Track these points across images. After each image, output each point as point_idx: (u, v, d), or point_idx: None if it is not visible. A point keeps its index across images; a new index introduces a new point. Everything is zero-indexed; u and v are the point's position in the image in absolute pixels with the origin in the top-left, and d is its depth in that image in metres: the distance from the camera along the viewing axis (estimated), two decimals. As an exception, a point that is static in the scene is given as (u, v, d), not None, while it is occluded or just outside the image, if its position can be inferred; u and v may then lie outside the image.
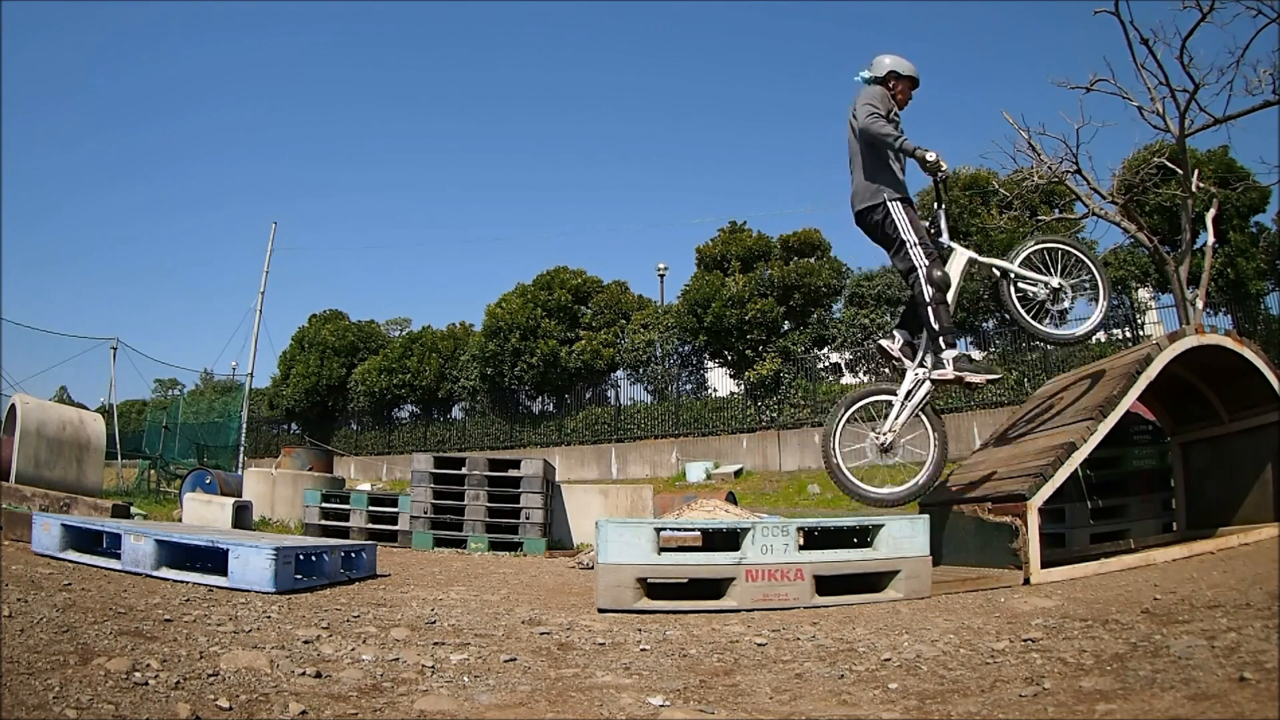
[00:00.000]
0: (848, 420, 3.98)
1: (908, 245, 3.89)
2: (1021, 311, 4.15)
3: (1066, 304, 4.20)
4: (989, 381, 3.97)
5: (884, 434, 3.94)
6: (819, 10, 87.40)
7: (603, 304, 23.79)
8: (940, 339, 3.93)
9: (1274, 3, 9.47)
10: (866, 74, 4.15)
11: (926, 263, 3.88)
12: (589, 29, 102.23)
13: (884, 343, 4.23)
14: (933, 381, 3.99)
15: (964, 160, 25.12)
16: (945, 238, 4.10)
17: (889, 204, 3.93)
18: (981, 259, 4.19)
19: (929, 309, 3.88)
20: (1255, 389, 4.20)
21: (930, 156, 3.81)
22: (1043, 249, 4.22)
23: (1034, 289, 4.12)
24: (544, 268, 24.95)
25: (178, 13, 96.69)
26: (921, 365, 4.06)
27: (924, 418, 4.03)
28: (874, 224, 3.99)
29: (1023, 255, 4.17)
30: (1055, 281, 4.09)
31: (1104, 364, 4.63)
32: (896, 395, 4.03)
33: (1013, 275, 4.13)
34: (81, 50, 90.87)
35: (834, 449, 3.87)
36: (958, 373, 3.91)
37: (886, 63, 4.10)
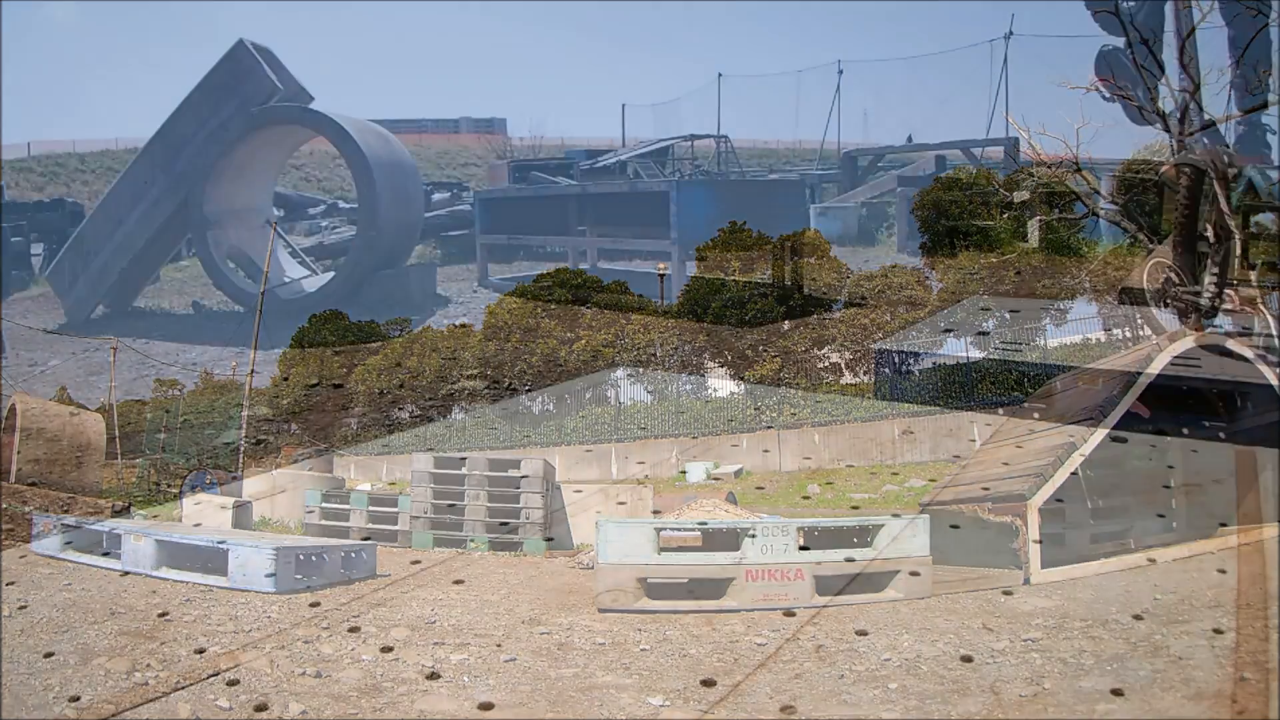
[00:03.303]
0: None
1: None
2: None
3: None
4: None
5: None
6: (820, 9, 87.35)
7: (603, 304, 23.81)
8: None
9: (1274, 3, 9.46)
10: None
11: None
12: (590, 27, 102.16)
13: None
14: None
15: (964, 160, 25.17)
16: None
17: None
18: None
19: None
20: (1255, 389, 4.20)
21: None
22: None
23: None
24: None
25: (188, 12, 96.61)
26: None
27: None
28: None
29: None
30: None
31: (1104, 364, 4.63)
32: None
33: None
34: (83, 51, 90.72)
35: None
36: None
37: None
